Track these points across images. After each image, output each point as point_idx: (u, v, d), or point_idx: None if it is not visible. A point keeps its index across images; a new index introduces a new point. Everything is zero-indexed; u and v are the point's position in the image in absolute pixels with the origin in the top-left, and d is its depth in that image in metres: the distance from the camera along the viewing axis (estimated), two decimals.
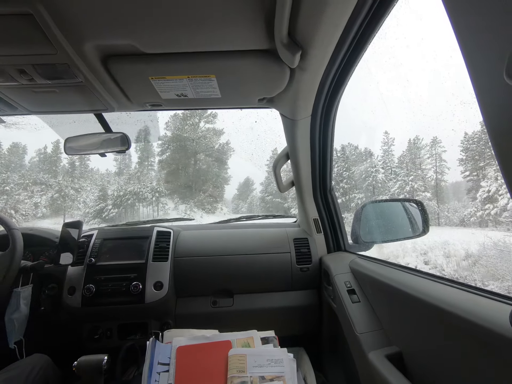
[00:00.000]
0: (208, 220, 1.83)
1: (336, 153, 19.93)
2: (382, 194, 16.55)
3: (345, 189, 18.92)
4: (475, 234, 8.94)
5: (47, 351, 1.05)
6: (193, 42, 0.69)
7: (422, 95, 26.01)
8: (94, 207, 21.73)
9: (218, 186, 26.16)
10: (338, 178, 18.96)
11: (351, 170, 19.27)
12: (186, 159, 26.08)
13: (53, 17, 0.58)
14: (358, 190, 18.30)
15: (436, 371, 0.64)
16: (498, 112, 0.33)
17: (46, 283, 1.25)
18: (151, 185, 24.26)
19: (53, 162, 24.70)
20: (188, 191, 25.80)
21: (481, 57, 0.33)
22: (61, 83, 0.80)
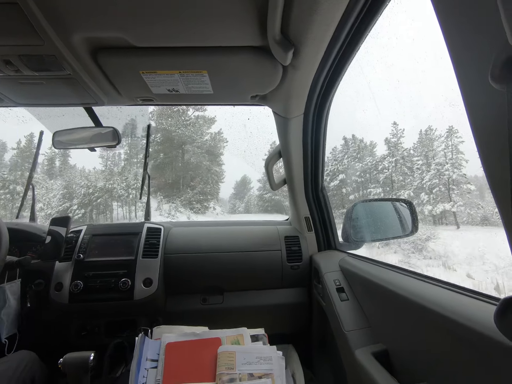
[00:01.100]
0: None
1: (345, 146, 19.30)
2: (404, 189, 15.58)
3: (359, 183, 18.00)
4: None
5: (34, 348, 1.04)
6: (185, 36, 0.68)
7: (412, 96, 26.33)
8: (57, 207, 19.19)
9: (209, 182, 23.25)
10: (349, 171, 18.10)
11: (364, 161, 18.27)
12: (172, 151, 22.99)
13: (40, 7, 0.57)
14: (374, 184, 17.31)
15: (420, 368, 0.65)
16: (482, 114, 0.34)
17: (32, 278, 1.23)
18: (127, 181, 21.13)
19: (25, 158, 21.96)
20: (174, 188, 22.89)
21: (468, 60, 0.33)
22: (49, 75, 0.78)
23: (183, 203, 22.16)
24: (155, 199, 21.79)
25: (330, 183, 19.14)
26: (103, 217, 20.28)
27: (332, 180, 19.24)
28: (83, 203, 19.21)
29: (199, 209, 22.15)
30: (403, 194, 14.69)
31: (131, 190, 21.09)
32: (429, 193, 14.17)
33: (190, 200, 22.34)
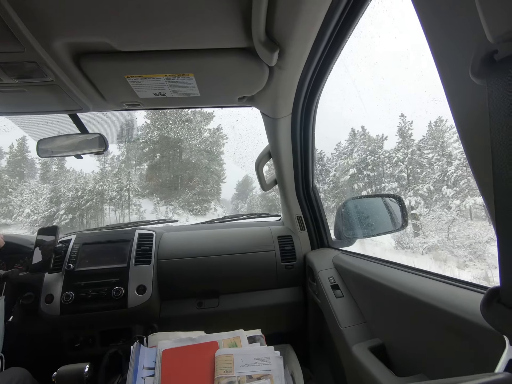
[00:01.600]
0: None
1: (355, 136, 18.53)
2: (423, 182, 14.35)
3: (371, 177, 16.96)
4: None
5: (26, 364, 1.00)
6: (170, 40, 0.67)
7: (397, 92, 26.79)
8: (43, 213, 17.74)
9: (208, 181, 21.68)
10: (361, 165, 17.20)
11: (376, 154, 17.08)
12: (169, 149, 21.42)
13: (19, 13, 0.55)
14: (389, 178, 16.01)
15: (417, 360, 0.66)
16: (466, 110, 0.35)
17: (21, 292, 1.19)
18: (119, 182, 19.50)
19: (17, 163, 20.66)
20: (172, 189, 21.33)
21: (449, 56, 0.34)
22: (30, 82, 0.76)
23: (181, 205, 20.96)
24: (151, 201, 20.66)
25: (340, 178, 17.87)
26: (94, 222, 18.86)
27: (342, 175, 17.95)
28: (71, 207, 17.84)
29: (198, 211, 20.89)
30: (422, 189, 13.94)
31: (124, 192, 19.80)
32: (454, 186, 13.23)
33: (189, 201, 21.04)
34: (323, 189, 18.81)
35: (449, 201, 12.79)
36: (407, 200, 13.76)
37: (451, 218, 11.58)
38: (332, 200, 17.51)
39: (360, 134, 18.74)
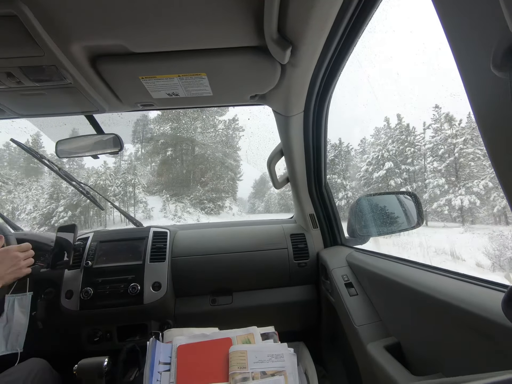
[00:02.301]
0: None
1: (387, 128, 17.27)
2: (477, 178, 12.72)
3: (411, 172, 15.30)
4: None
5: (45, 356, 1.04)
6: (183, 40, 0.68)
7: (413, 88, 26.03)
8: (42, 209, 16.82)
9: (223, 177, 19.96)
10: (398, 158, 15.98)
11: (416, 145, 15.47)
12: (181, 143, 19.62)
13: (38, 18, 0.57)
14: (433, 173, 14.31)
15: (434, 359, 0.65)
16: (487, 104, 0.34)
17: (43, 287, 1.24)
18: (124, 177, 17.82)
19: (30, 158, 18.26)
20: (183, 186, 19.60)
21: (468, 49, 0.33)
22: (50, 85, 0.78)
23: (193, 202, 19.37)
24: (161, 198, 19.38)
25: (373, 173, 16.20)
26: (96, 220, 17.61)
27: (376, 170, 16.20)
28: (71, 204, 16.61)
29: (211, 209, 19.16)
30: (477, 185, 12.16)
31: (129, 187, 18.32)
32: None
33: (201, 199, 19.32)
34: (350, 186, 17.55)
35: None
36: (457, 199, 12.39)
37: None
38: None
39: (395, 124, 17.18)
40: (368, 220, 1.27)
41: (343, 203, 16.76)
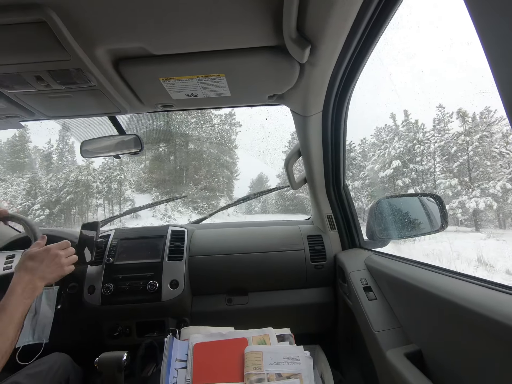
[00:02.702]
0: None
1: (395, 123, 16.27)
2: (492, 179, 11.53)
3: (420, 172, 14.41)
4: None
5: (67, 349, 1.08)
6: (202, 42, 0.69)
7: (438, 86, 24.95)
8: (16, 207, 15.40)
9: (218, 174, 18.71)
10: (406, 157, 15.05)
11: (425, 143, 14.37)
12: (175, 139, 18.13)
13: (66, 24, 0.60)
14: (444, 173, 13.25)
15: (457, 370, 0.62)
16: None
17: (67, 282, 1.29)
18: (108, 172, 16.14)
19: (16, 153, 17.45)
20: (177, 183, 18.48)
21: (502, 45, 0.31)
22: (75, 88, 0.82)
23: (185, 202, 18.20)
24: (151, 197, 17.95)
25: (379, 172, 15.57)
26: (78, 219, 15.77)
27: (382, 170, 15.49)
28: (49, 201, 15.09)
29: (205, 209, 17.77)
30: (494, 187, 10.98)
31: (114, 184, 16.84)
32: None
33: (194, 198, 17.97)
34: (353, 186, 16.88)
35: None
36: (472, 202, 11.27)
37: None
38: (368, 199, 15.74)
39: (402, 121, 16.25)
40: (388, 222, 1.24)
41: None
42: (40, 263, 0.88)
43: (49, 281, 0.90)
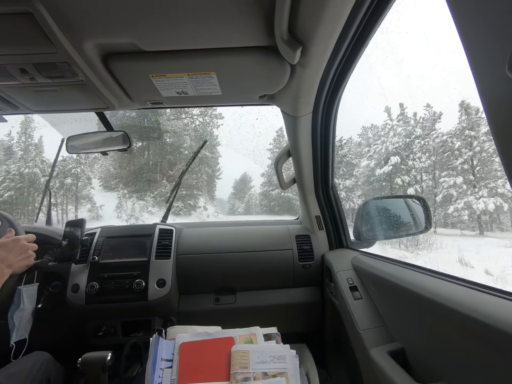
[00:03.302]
0: None
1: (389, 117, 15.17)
2: (501, 178, 10.73)
3: (419, 170, 13.53)
4: None
5: (50, 349, 1.06)
6: (193, 39, 0.68)
7: (424, 90, 25.47)
8: None
9: (195, 171, 16.81)
10: (404, 153, 14.08)
11: (426, 138, 13.27)
12: (144, 130, 15.82)
13: (53, 16, 0.58)
14: (447, 171, 12.30)
15: (439, 367, 0.64)
16: (500, 108, 0.33)
17: (50, 281, 1.26)
18: (63, 165, 14.23)
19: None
20: (149, 180, 16.52)
21: (483, 52, 0.33)
22: (62, 82, 0.80)
23: (157, 201, 16.36)
24: (117, 195, 16.40)
25: (375, 170, 14.52)
26: (22, 220, 13.56)
27: (379, 166, 14.39)
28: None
29: (180, 209, 16.10)
30: (504, 185, 10.22)
31: (66, 179, 14.71)
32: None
33: (167, 196, 15.84)
34: (344, 185, 16.11)
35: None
36: (480, 202, 10.57)
37: None
38: (363, 199, 13.95)
39: (398, 115, 15.08)
40: (375, 223, 1.26)
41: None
42: (8, 252, 0.91)
43: (16, 269, 0.93)
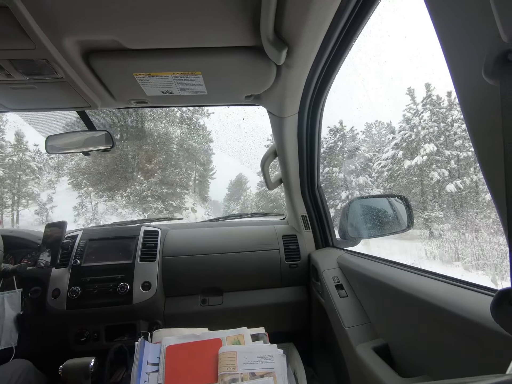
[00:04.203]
0: None
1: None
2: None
3: (463, 161, 10.65)
4: None
5: (32, 357, 1.02)
6: (178, 38, 0.67)
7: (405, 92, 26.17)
8: None
9: (179, 164, 14.00)
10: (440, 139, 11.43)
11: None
12: (121, 116, 12.94)
13: (30, 10, 0.56)
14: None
15: (420, 361, 0.66)
16: (477, 111, 0.34)
17: (29, 286, 1.21)
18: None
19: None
20: (121, 175, 13.43)
21: (461, 57, 0.34)
22: (41, 79, 0.77)
23: (131, 200, 13.21)
24: (78, 193, 13.94)
25: (404, 163, 11.66)
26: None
27: (406, 157, 11.81)
28: None
29: (159, 211, 13.40)
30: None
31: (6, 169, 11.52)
32: None
33: (143, 196, 12.64)
34: (357, 183, 13.49)
35: None
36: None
37: None
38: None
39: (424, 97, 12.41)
40: (360, 222, 1.29)
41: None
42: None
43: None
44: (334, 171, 14.63)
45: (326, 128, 15.70)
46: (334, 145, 15.85)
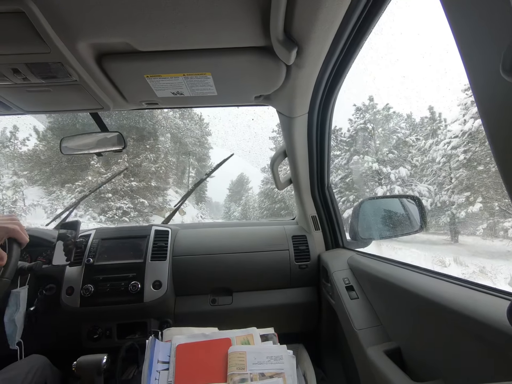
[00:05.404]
0: None
1: None
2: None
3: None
4: None
5: (45, 352, 1.04)
6: (188, 40, 0.68)
7: (419, 91, 25.44)
8: None
9: (158, 149, 11.07)
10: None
11: None
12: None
13: (45, 15, 0.57)
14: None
15: (434, 365, 0.64)
16: (494, 108, 0.33)
17: (44, 283, 1.24)
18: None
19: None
20: (74, 166, 10.71)
21: (478, 53, 0.33)
22: (55, 82, 0.79)
23: (86, 202, 10.51)
24: (37, 195, 11.75)
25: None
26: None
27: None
28: None
29: (124, 213, 10.98)
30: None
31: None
32: None
33: (100, 192, 9.94)
34: (398, 176, 11.57)
35: None
36: None
37: None
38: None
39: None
40: (371, 223, 1.27)
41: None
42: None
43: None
44: (366, 160, 12.36)
45: (353, 107, 14.04)
46: (363, 126, 13.41)
